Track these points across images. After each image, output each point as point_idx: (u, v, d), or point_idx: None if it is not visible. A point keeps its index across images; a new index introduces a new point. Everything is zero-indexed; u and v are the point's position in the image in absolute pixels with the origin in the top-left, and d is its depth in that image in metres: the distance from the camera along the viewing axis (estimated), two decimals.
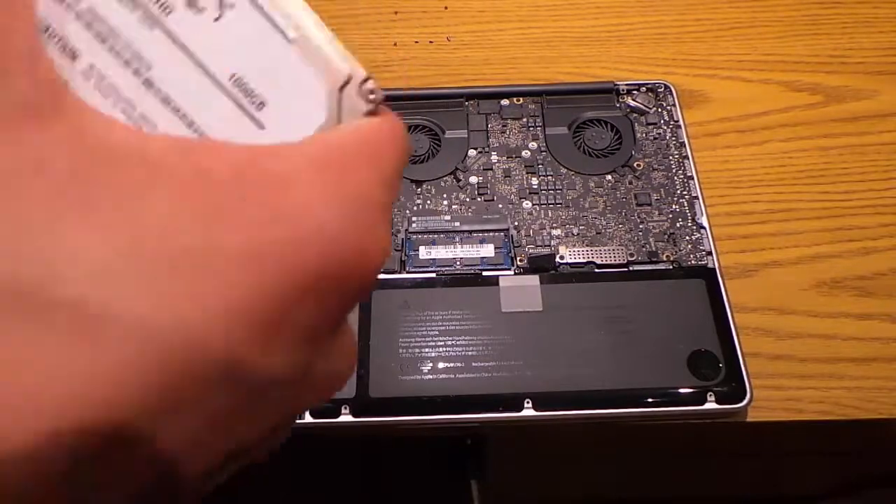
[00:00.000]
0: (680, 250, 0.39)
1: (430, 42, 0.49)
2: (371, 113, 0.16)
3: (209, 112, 0.15)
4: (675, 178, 0.41)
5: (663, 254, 0.38)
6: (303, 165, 0.14)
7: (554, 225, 0.40)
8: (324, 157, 0.14)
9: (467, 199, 0.41)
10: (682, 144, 0.42)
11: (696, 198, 0.40)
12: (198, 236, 0.12)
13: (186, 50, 0.14)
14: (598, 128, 0.43)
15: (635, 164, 0.42)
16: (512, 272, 0.38)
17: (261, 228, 0.13)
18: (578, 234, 0.39)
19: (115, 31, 0.14)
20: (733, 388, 0.34)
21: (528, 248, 0.39)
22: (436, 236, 0.39)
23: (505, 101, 0.44)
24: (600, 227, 0.40)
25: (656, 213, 0.40)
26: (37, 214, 0.12)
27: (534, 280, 0.37)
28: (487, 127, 0.44)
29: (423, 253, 0.39)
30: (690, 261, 0.38)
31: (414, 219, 0.40)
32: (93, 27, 0.14)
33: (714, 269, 0.38)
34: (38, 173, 0.12)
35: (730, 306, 0.36)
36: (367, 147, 0.15)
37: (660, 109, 0.44)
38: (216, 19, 0.15)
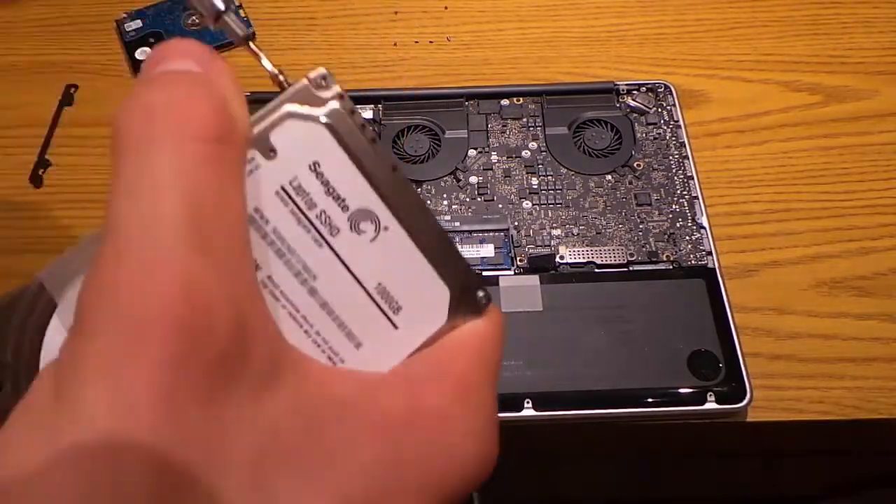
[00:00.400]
0: (680, 250, 0.39)
1: (430, 42, 0.49)
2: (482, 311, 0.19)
3: (357, 314, 0.18)
4: (675, 178, 0.41)
5: (663, 254, 0.38)
6: (449, 400, 0.17)
7: (554, 225, 0.40)
8: (462, 388, 0.17)
9: (467, 199, 0.41)
10: (682, 144, 0.42)
11: (696, 198, 0.40)
12: (390, 479, 0.16)
13: (345, 264, 0.18)
14: (598, 128, 0.43)
15: (635, 164, 0.42)
16: (512, 272, 0.38)
17: (429, 464, 0.16)
18: (578, 234, 0.39)
19: (291, 248, 0.17)
20: (733, 388, 0.34)
21: (528, 248, 0.39)
22: None
23: (505, 101, 0.44)
24: (600, 227, 0.40)
25: (656, 213, 0.40)
26: (281, 483, 0.14)
27: (534, 280, 0.37)
28: (487, 127, 0.44)
29: None
30: (690, 261, 0.38)
31: None
32: (275, 245, 0.17)
33: (714, 269, 0.38)
34: (276, 438, 0.14)
35: (730, 306, 0.36)
36: (488, 365, 0.18)
37: (660, 109, 0.44)
38: (372, 240, 0.18)
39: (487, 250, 0.39)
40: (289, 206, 0.17)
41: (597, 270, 0.38)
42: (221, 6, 0.18)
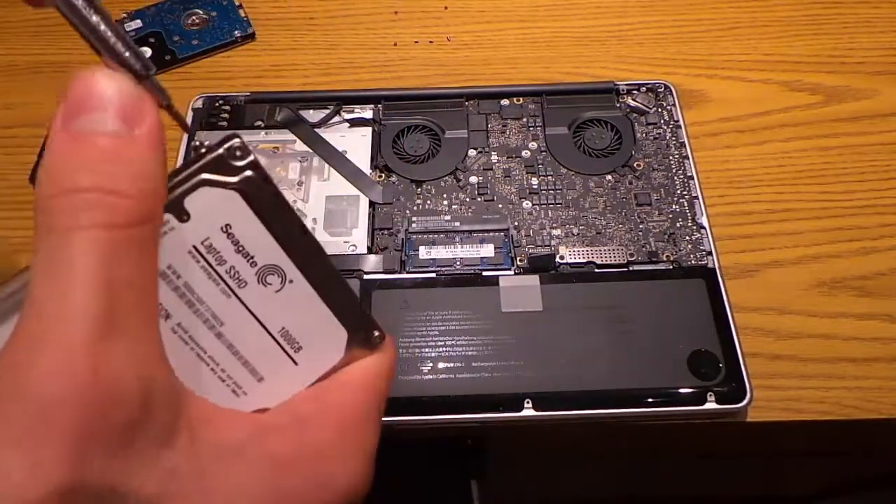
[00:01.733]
0: (680, 250, 0.39)
1: (430, 42, 0.49)
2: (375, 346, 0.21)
3: (259, 353, 0.20)
4: (675, 178, 0.41)
5: (663, 254, 0.38)
6: (333, 433, 0.20)
7: (554, 225, 0.40)
8: (344, 423, 0.20)
9: (467, 199, 0.41)
10: (682, 144, 0.42)
11: (696, 198, 0.40)
12: None
13: (251, 312, 0.20)
14: (598, 128, 0.43)
15: (635, 164, 0.42)
16: (512, 272, 0.38)
17: (311, 496, 0.19)
18: (578, 234, 0.39)
19: (201, 299, 0.19)
20: (733, 388, 0.34)
21: (528, 248, 0.39)
22: (436, 236, 0.39)
23: (505, 101, 0.44)
24: (600, 227, 0.40)
25: (656, 213, 0.40)
26: None
27: (534, 280, 0.37)
28: (487, 127, 0.44)
29: (423, 253, 0.39)
30: (690, 261, 0.38)
31: (414, 219, 0.40)
32: (185, 297, 0.19)
33: (714, 269, 0.38)
34: (171, 483, 0.17)
35: (730, 306, 0.36)
36: (374, 400, 0.21)
37: (660, 109, 0.44)
38: (277, 291, 0.20)
39: (487, 250, 0.39)
40: (200, 262, 0.19)
41: (597, 270, 0.38)
42: (143, 72, 0.18)
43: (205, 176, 0.18)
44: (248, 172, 0.19)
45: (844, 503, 0.53)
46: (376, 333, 0.21)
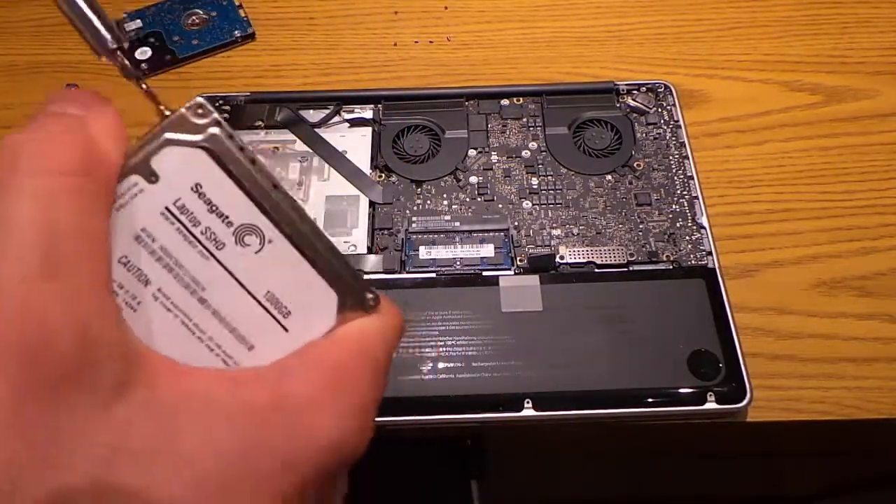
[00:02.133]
0: (680, 250, 0.39)
1: (430, 42, 0.49)
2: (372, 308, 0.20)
3: (247, 321, 0.19)
4: (675, 178, 0.41)
5: (663, 254, 0.38)
6: (318, 389, 0.18)
7: (554, 225, 0.40)
8: (333, 378, 0.18)
9: (467, 199, 0.41)
10: (682, 144, 0.42)
11: (696, 198, 0.40)
12: (248, 463, 0.17)
13: (233, 275, 0.19)
14: (598, 128, 0.43)
15: (635, 164, 0.42)
16: (512, 272, 0.38)
17: (291, 446, 0.17)
18: (578, 234, 0.39)
19: (179, 262, 0.19)
20: (733, 388, 0.34)
21: (528, 248, 0.39)
22: (436, 236, 0.39)
23: (505, 101, 0.44)
24: (600, 227, 0.40)
25: (656, 213, 0.40)
26: (129, 476, 0.16)
27: (534, 280, 0.37)
28: (487, 127, 0.44)
29: (423, 253, 0.39)
30: (690, 261, 0.38)
31: (414, 219, 0.40)
32: (162, 260, 0.19)
33: (714, 269, 0.38)
34: (127, 436, 0.16)
35: (730, 306, 0.36)
36: (367, 358, 0.19)
37: (660, 109, 0.44)
38: (257, 252, 0.19)
39: (487, 250, 0.39)
40: (174, 224, 0.19)
41: (597, 270, 0.38)
42: (112, 44, 0.20)
43: (168, 135, 0.19)
44: (213, 130, 0.19)
45: (844, 503, 0.53)
46: (369, 296, 0.20)
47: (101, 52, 0.20)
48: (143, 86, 0.20)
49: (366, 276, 0.38)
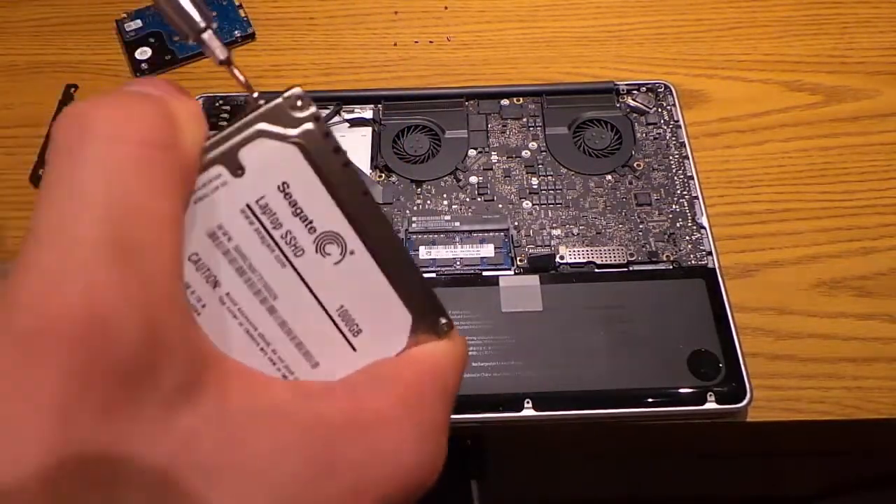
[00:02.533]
0: (680, 250, 0.39)
1: (430, 42, 0.49)
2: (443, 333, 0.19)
3: (315, 335, 0.18)
4: (675, 178, 0.41)
5: (663, 254, 0.38)
6: (393, 407, 0.17)
7: (554, 225, 0.40)
8: (408, 397, 0.17)
9: (467, 199, 0.41)
10: (682, 144, 0.42)
11: (696, 198, 0.40)
12: (322, 483, 0.15)
13: (307, 285, 0.18)
14: (598, 128, 0.43)
15: (635, 164, 0.42)
16: (512, 272, 0.38)
17: (365, 469, 0.16)
18: (578, 234, 0.39)
19: (253, 266, 0.17)
20: (733, 388, 0.34)
21: (528, 248, 0.39)
22: (436, 236, 0.39)
23: (505, 101, 0.44)
24: (600, 227, 0.40)
25: (656, 213, 0.40)
26: (192, 492, 0.14)
27: (534, 280, 0.37)
28: (487, 127, 0.44)
29: (424, 253, 0.39)
30: (690, 261, 0.38)
31: (414, 219, 0.40)
32: (236, 262, 0.17)
33: (714, 269, 0.38)
34: (191, 447, 0.14)
35: (730, 306, 0.36)
36: (440, 381, 0.18)
37: (660, 109, 0.44)
38: (336, 263, 0.18)
39: (487, 250, 0.39)
40: (254, 224, 0.17)
41: (597, 270, 0.38)
42: (202, 24, 0.18)
43: (262, 126, 0.17)
44: (309, 125, 0.17)
45: (844, 503, 0.53)
46: (443, 321, 0.19)
47: (188, 35, 0.18)
48: (234, 70, 0.19)
49: None
